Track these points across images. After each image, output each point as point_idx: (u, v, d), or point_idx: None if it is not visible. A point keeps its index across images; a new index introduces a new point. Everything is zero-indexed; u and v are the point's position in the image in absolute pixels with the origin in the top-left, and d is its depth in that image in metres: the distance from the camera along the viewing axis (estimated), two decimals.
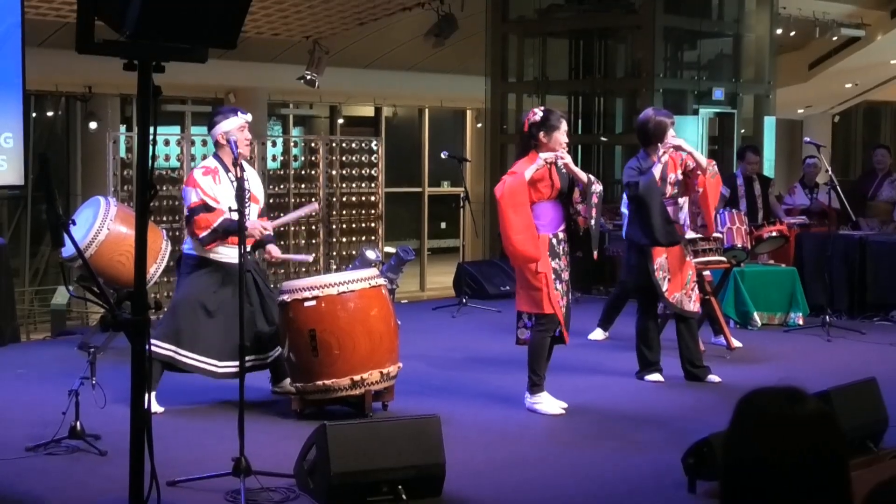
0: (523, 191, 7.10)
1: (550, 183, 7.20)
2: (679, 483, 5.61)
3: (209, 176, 7.19)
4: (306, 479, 5.51)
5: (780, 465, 2.13)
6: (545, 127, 7.21)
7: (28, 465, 6.02)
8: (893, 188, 12.34)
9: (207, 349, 7.15)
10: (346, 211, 14.37)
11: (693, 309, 8.25)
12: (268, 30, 14.59)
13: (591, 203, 7.24)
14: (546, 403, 7.26)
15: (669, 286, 8.11)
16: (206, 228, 7.09)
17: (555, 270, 7.19)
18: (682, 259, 8.20)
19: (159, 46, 3.65)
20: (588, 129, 14.58)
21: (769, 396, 2.21)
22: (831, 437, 2.17)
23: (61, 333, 10.95)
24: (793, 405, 2.19)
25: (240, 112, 7.32)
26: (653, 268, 8.05)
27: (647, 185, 7.91)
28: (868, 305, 11.29)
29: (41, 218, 15.77)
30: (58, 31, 13.06)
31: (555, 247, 7.21)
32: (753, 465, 2.16)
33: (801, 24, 17.69)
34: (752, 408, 2.22)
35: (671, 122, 8.08)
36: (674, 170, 8.04)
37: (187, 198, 7.23)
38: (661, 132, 7.99)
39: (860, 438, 6.09)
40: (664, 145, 7.93)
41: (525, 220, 7.10)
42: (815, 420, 2.17)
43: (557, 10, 14.80)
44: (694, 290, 8.26)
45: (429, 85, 18.10)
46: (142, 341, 3.75)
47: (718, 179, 8.29)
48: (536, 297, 7.19)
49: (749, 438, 2.18)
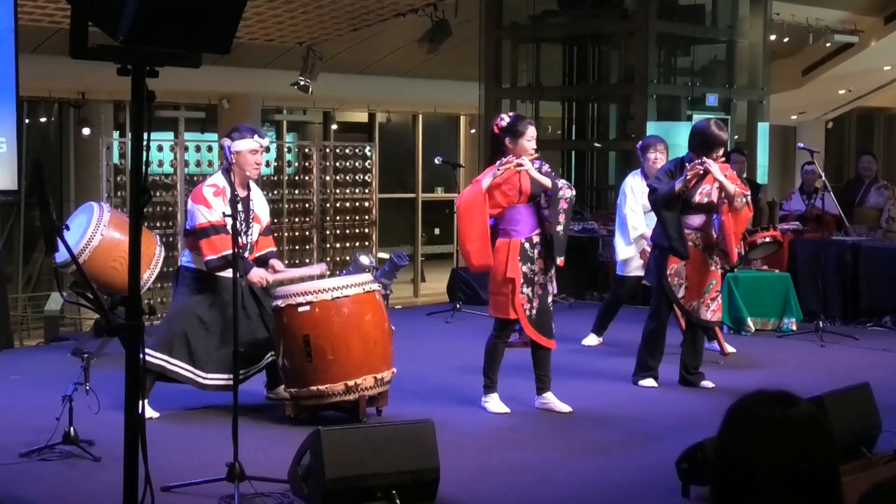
0: (480, 201, 7.18)
1: (519, 187, 7.23)
2: (673, 488, 5.60)
3: (219, 197, 7.13)
4: (300, 484, 5.51)
5: (772, 468, 2.13)
6: (510, 133, 7.26)
7: (22, 471, 6.01)
8: (880, 195, 12.36)
9: (198, 360, 7.16)
10: (339, 217, 14.37)
11: (709, 318, 8.17)
12: (261, 35, 14.60)
13: (558, 209, 7.23)
14: (492, 403, 7.42)
15: (686, 293, 8.06)
16: (217, 252, 7.02)
17: (525, 275, 7.23)
18: (705, 268, 8.08)
19: (153, 51, 3.65)
20: (581, 134, 14.59)
21: (761, 400, 2.22)
22: (822, 440, 2.17)
23: (55, 339, 10.94)
24: (785, 408, 2.19)
25: (257, 135, 7.27)
26: (665, 272, 8.03)
27: (661, 196, 7.86)
28: (861, 311, 11.30)
29: (34, 224, 15.77)
30: (51, 37, 13.06)
31: (527, 251, 7.25)
32: (745, 468, 2.16)
33: (795, 31, 17.73)
34: (744, 411, 2.22)
35: (723, 140, 7.87)
36: (711, 182, 7.93)
37: (195, 215, 7.12)
38: (708, 146, 7.85)
39: (854, 444, 6.10)
40: (692, 165, 7.83)
41: (479, 230, 7.20)
42: (806, 423, 2.18)
43: (551, 16, 14.80)
44: (714, 300, 8.15)
45: (422, 91, 18.11)
46: (136, 346, 3.74)
47: (748, 210, 8.09)
48: (500, 301, 7.33)
49: (741, 441, 2.19)
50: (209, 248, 7.04)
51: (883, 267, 11.20)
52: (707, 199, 7.98)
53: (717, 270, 8.21)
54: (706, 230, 8.08)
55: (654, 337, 8.23)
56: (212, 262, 7.06)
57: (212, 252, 7.04)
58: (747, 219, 8.36)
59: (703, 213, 8.06)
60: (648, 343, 8.25)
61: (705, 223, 8.08)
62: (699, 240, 8.08)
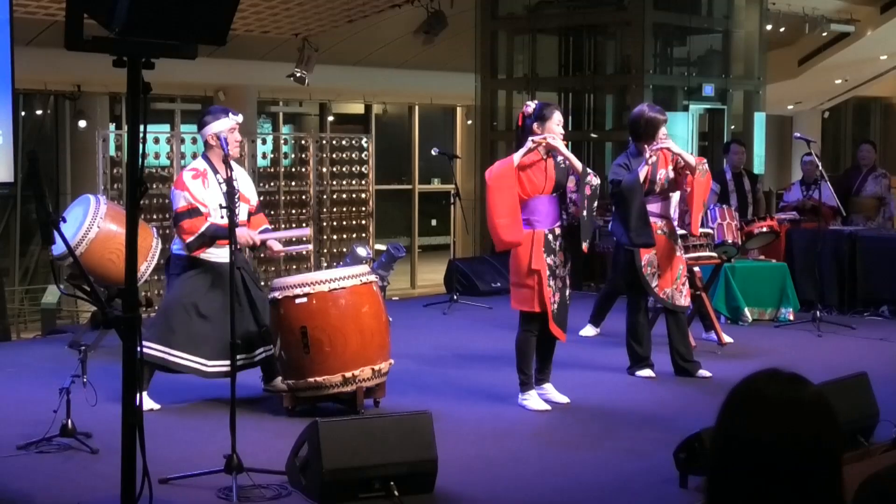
0: (511, 175, 7.09)
1: (545, 175, 7.19)
2: (670, 478, 5.62)
3: (198, 179, 7.15)
4: (298, 475, 5.51)
5: (776, 449, 2.09)
6: (538, 118, 7.22)
7: (19, 464, 6.01)
8: (878, 183, 12.35)
9: (198, 349, 7.15)
10: (336, 208, 14.35)
11: (684, 303, 8.27)
12: (257, 27, 14.57)
13: (584, 194, 7.21)
14: (532, 401, 7.30)
15: (659, 282, 8.12)
16: (193, 233, 7.05)
17: (549, 267, 7.18)
18: (672, 254, 8.20)
19: (149, 43, 3.65)
20: (578, 125, 14.58)
21: (769, 379, 2.19)
22: (829, 422, 2.15)
23: (52, 332, 10.94)
24: (795, 388, 2.16)
25: (231, 113, 7.28)
26: (640, 264, 8.06)
27: (629, 184, 7.91)
28: (858, 300, 11.31)
29: (31, 217, 15.74)
30: (46, 29, 13.03)
31: (550, 242, 7.20)
32: (748, 448, 2.12)
33: (791, 20, 17.72)
34: (751, 390, 2.18)
35: (664, 119, 8.09)
36: (665, 165, 8.06)
37: (175, 200, 7.17)
38: (652, 129, 8.01)
39: (851, 433, 6.09)
40: (652, 146, 7.94)
41: (510, 205, 7.08)
42: (815, 404, 2.15)
43: (547, 6, 14.80)
44: (685, 284, 8.27)
45: (419, 82, 18.09)
46: (133, 338, 3.74)
47: (709, 177, 8.29)
48: (525, 294, 7.20)
49: (746, 420, 2.14)
50: (185, 232, 7.08)
51: (880, 256, 11.20)
52: (666, 182, 8.10)
53: (682, 255, 8.31)
54: (666, 215, 8.18)
55: (638, 330, 8.26)
56: (191, 244, 7.07)
57: (188, 235, 7.06)
58: (709, 185, 8.47)
59: (662, 199, 8.16)
60: (634, 336, 8.28)
61: (665, 208, 8.19)
62: (665, 226, 8.18)
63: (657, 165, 8.01)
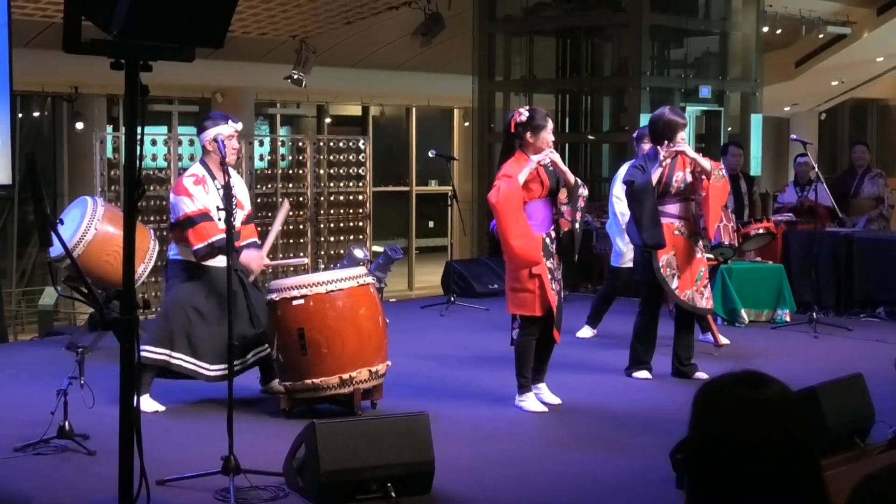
0: (518, 195, 7.07)
1: (540, 182, 7.20)
2: (667, 479, 5.62)
3: (199, 186, 7.15)
4: (295, 477, 5.52)
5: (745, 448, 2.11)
6: (531, 127, 7.20)
7: (16, 466, 6.01)
8: (874, 184, 12.37)
9: (200, 352, 7.14)
10: (333, 210, 14.37)
11: (705, 306, 8.25)
12: (255, 29, 14.58)
13: (577, 206, 7.23)
14: (529, 402, 7.30)
15: (679, 283, 8.10)
16: (204, 240, 7.03)
17: (550, 270, 7.19)
18: (692, 255, 8.16)
19: (147, 46, 3.66)
20: (575, 127, 14.58)
21: (731, 381, 2.21)
22: (796, 420, 2.16)
23: (49, 334, 10.93)
24: (756, 389, 2.18)
25: (230, 120, 7.27)
26: (658, 265, 8.05)
27: (641, 185, 7.91)
28: (855, 302, 11.32)
29: (28, 219, 15.75)
30: (44, 31, 13.03)
31: (548, 246, 7.22)
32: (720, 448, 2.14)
33: (788, 22, 17.73)
34: (714, 392, 2.21)
35: (683, 123, 8.06)
36: (682, 168, 8.05)
37: (178, 206, 7.13)
38: (670, 132, 7.97)
39: (847, 434, 6.12)
40: (668, 148, 7.91)
41: (523, 225, 7.07)
42: (778, 403, 2.17)
43: (544, 8, 14.81)
44: (706, 286, 8.23)
45: (416, 84, 18.10)
46: (130, 340, 3.75)
47: (726, 183, 8.20)
48: (525, 298, 7.19)
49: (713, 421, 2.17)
50: (196, 237, 7.05)
51: (876, 258, 11.21)
52: (683, 185, 8.07)
53: (703, 257, 8.28)
54: (686, 217, 8.15)
55: (645, 332, 8.25)
56: (200, 251, 7.06)
57: (199, 240, 7.04)
58: (726, 191, 8.39)
59: (681, 200, 8.13)
60: (640, 337, 8.27)
61: (685, 210, 8.15)
62: (683, 227, 8.14)
63: (674, 168, 8.01)
